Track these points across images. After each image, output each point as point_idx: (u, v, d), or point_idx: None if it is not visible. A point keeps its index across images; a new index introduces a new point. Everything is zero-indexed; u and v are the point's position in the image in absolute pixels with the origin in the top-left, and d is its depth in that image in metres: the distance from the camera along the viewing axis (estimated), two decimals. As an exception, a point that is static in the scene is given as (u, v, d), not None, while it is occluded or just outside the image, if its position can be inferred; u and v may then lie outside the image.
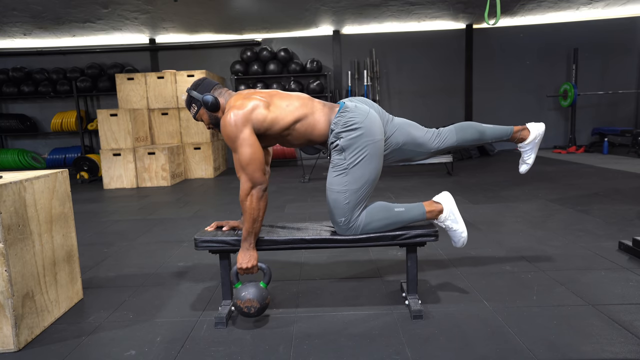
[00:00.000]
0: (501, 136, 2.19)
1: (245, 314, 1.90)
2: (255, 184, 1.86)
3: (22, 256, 1.86)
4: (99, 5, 6.27)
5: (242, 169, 1.86)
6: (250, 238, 1.91)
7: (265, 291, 1.93)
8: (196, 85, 2.01)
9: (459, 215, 2.04)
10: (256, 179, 1.86)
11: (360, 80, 8.41)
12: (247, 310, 1.88)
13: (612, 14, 8.13)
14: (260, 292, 1.91)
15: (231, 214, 4.14)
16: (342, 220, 1.92)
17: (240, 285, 1.94)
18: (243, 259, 1.91)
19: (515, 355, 1.64)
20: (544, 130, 2.23)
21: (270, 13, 7.05)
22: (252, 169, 1.85)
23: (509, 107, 8.60)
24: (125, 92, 6.83)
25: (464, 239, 2.05)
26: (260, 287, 1.93)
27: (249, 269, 1.92)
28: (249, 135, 1.86)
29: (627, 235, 2.92)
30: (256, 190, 1.86)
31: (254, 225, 1.88)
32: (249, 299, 1.88)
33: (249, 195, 1.86)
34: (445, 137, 2.11)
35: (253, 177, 1.85)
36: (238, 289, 1.93)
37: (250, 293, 1.89)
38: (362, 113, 1.91)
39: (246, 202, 1.86)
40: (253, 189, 1.86)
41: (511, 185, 5.07)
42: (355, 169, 1.89)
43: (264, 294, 1.91)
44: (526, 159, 2.26)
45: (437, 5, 7.06)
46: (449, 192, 2.11)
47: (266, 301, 1.92)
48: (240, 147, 1.85)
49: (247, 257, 1.91)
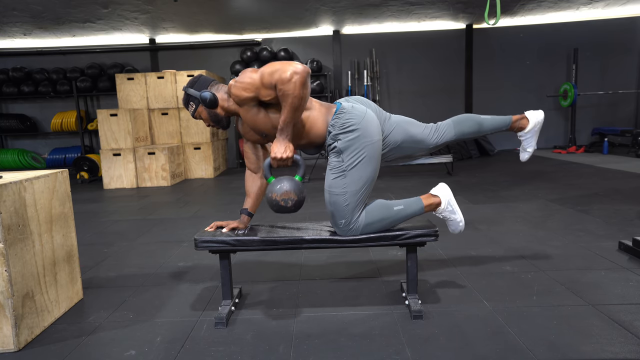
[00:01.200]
0: (500, 126, 2.20)
1: (283, 207, 1.76)
2: (296, 69, 1.70)
3: (22, 256, 1.86)
4: (99, 5, 6.27)
5: (275, 72, 1.72)
6: (288, 129, 1.79)
7: (301, 184, 1.80)
8: (193, 83, 2.00)
9: (456, 206, 2.07)
10: (295, 65, 1.71)
11: (360, 80, 8.41)
12: (285, 204, 1.75)
13: (612, 14, 8.13)
14: (296, 184, 1.77)
15: (231, 214, 4.14)
16: (343, 222, 1.92)
17: (275, 179, 1.80)
18: (279, 148, 1.80)
19: (515, 355, 1.64)
20: (543, 118, 2.22)
21: (270, 13, 7.05)
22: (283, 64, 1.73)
23: (509, 107, 8.58)
24: (125, 92, 6.83)
25: (462, 227, 2.10)
26: (295, 180, 1.79)
27: (284, 160, 1.81)
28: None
29: (627, 235, 2.92)
30: (299, 75, 1.70)
31: (295, 114, 1.76)
32: (286, 191, 1.74)
33: (291, 80, 1.69)
34: (444, 132, 2.12)
35: (290, 66, 1.71)
36: (272, 183, 1.79)
37: (286, 185, 1.75)
38: (359, 114, 1.90)
39: (289, 87, 1.70)
40: (295, 74, 1.69)
41: (511, 185, 5.07)
42: (354, 170, 1.89)
43: (300, 186, 1.78)
44: (526, 146, 2.26)
45: (437, 5, 7.06)
46: (445, 183, 2.12)
47: (303, 194, 1.78)
48: (261, 70, 1.77)
49: (283, 147, 1.81)
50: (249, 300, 2.24)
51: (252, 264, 2.74)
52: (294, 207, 1.78)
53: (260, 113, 1.89)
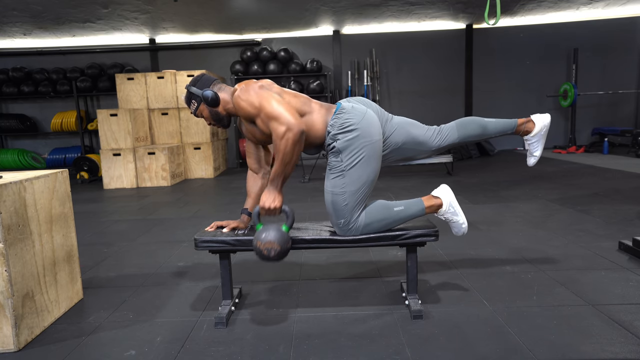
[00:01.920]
0: (504, 130, 2.14)
1: (265, 257, 1.80)
2: (290, 125, 1.76)
3: (22, 256, 1.86)
4: (99, 5, 6.26)
5: (273, 119, 1.79)
6: (278, 180, 1.84)
7: (286, 234, 1.83)
8: (195, 81, 2.01)
9: (459, 207, 2.04)
10: (289, 121, 1.77)
11: (360, 80, 8.41)
12: (267, 253, 1.79)
13: (612, 14, 8.13)
14: (281, 234, 1.80)
15: (231, 214, 4.14)
16: (342, 221, 1.92)
17: (261, 227, 1.85)
18: (268, 198, 1.84)
19: (515, 355, 1.64)
20: (550, 122, 2.17)
21: (270, 13, 7.05)
22: (282, 111, 1.78)
23: (509, 107, 8.59)
24: (125, 92, 6.83)
25: (464, 229, 2.07)
26: (281, 230, 1.83)
27: (272, 210, 1.84)
28: (269, 92, 1.84)
29: (627, 235, 2.92)
30: (292, 133, 1.76)
31: (286, 168, 1.81)
32: (269, 241, 1.78)
33: (283, 138, 1.76)
34: (447, 134, 2.09)
35: (287, 119, 1.77)
36: (258, 231, 1.83)
37: (270, 235, 1.79)
38: (359, 114, 1.90)
39: (281, 144, 1.77)
40: (288, 131, 1.76)
41: (511, 185, 5.07)
42: (353, 170, 1.88)
43: (285, 237, 1.81)
44: (533, 151, 2.20)
45: (437, 5, 7.06)
46: (447, 185, 2.10)
47: (287, 245, 1.82)
48: (263, 102, 1.82)
49: (272, 197, 1.84)
50: (249, 300, 2.24)
51: (252, 264, 2.74)
52: (277, 257, 1.81)
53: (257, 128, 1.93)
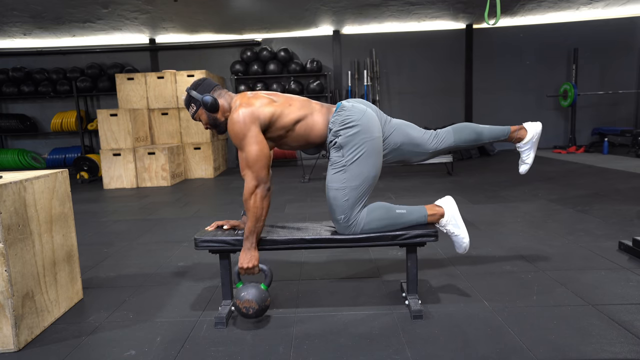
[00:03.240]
0: (498, 136, 2.20)
1: (244, 314, 1.89)
2: (260, 182, 1.86)
3: (22, 256, 1.86)
4: (99, 5, 6.26)
5: (248, 167, 1.86)
6: (252, 237, 1.90)
7: (265, 293, 1.92)
8: (196, 85, 2.02)
9: (461, 221, 2.05)
10: (261, 177, 1.86)
11: (360, 80, 8.41)
12: (246, 311, 1.88)
13: (612, 14, 8.13)
14: (260, 293, 1.90)
15: (231, 214, 4.14)
16: (342, 217, 1.93)
17: (241, 286, 1.94)
18: (244, 259, 1.90)
19: (515, 355, 1.64)
20: (541, 129, 2.23)
21: (270, 13, 7.05)
22: (259, 167, 1.85)
23: (509, 107, 8.60)
24: (125, 92, 6.83)
25: (466, 245, 2.05)
26: (260, 288, 1.92)
27: (250, 269, 1.91)
28: (257, 133, 1.87)
29: (627, 235, 2.92)
30: (260, 189, 1.87)
31: (257, 224, 1.88)
32: (248, 300, 1.87)
33: (253, 194, 1.86)
34: (443, 138, 2.12)
35: (259, 175, 1.86)
36: (238, 289, 1.92)
37: (249, 294, 1.88)
38: (359, 111, 1.94)
39: (250, 201, 1.86)
40: (257, 187, 1.86)
41: (511, 185, 5.07)
42: (354, 166, 1.90)
43: (263, 295, 1.90)
44: (525, 158, 2.27)
45: (437, 5, 7.06)
46: (449, 194, 2.11)
47: (265, 303, 1.91)
48: (247, 145, 1.86)
49: (248, 257, 1.90)
50: (249, 300, 2.24)
51: (252, 264, 2.74)
52: (255, 314, 1.89)
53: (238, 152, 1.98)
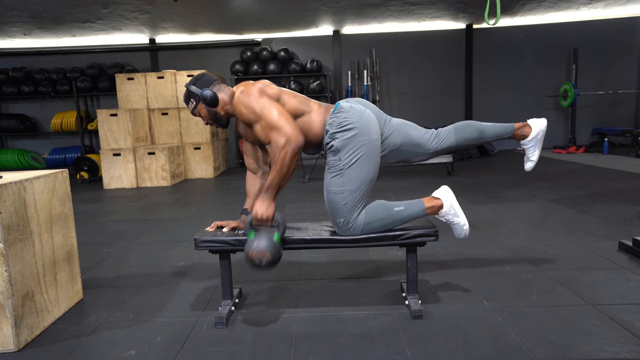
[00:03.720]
0: (502, 134, 2.16)
1: (256, 265, 1.82)
2: (290, 138, 1.77)
3: (22, 256, 1.86)
4: (99, 5, 6.26)
5: (272, 128, 1.79)
6: (272, 190, 1.84)
7: (278, 244, 1.85)
8: (195, 80, 2.01)
9: (460, 209, 2.04)
10: (290, 132, 1.77)
11: (360, 80, 8.41)
12: (258, 262, 1.81)
13: (612, 14, 8.13)
14: (272, 244, 1.83)
15: (231, 214, 4.14)
16: (342, 220, 1.92)
17: (253, 236, 1.87)
18: (260, 208, 1.85)
19: (515, 355, 1.64)
20: (546, 126, 2.18)
21: (270, 13, 7.05)
22: (283, 123, 1.78)
23: (509, 107, 8.59)
24: (125, 92, 6.83)
25: (466, 231, 2.05)
26: (273, 239, 1.85)
27: (264, 221, 1.86)
28: (269, 100, 1.84)
29: (627, 235, 2.92)
30: (292, 147, 1.77)
31: (282, 179, 1.82)
32: (261, 250, 1.80)
33: (283, 149, 1.77)
34: (444, 138, 2.10)
35: (287, 131, 1.77)
36: (250, 240, 1.86)
37: (262, 244, 1.81)
38: (357, 113, 1.92)
39: (280, 155, 1.77)
40: (288, 144, 1.77)
41: (511, 185, 5.07)
42: (351, 169, 1.89)
43: (276, 246, 1.84)
44: (530, 156, 2.21)
45: (437, 5, 7.06)
46: (447, 186, 2.10)
47: (279, 254, 1.84)
48: (264, 110, 1.82)
49: (264, 208, 1.85)
50: (249, 300, 2.24)
51: (252, 264, 2.74)
52: (267, 265, 1.83)
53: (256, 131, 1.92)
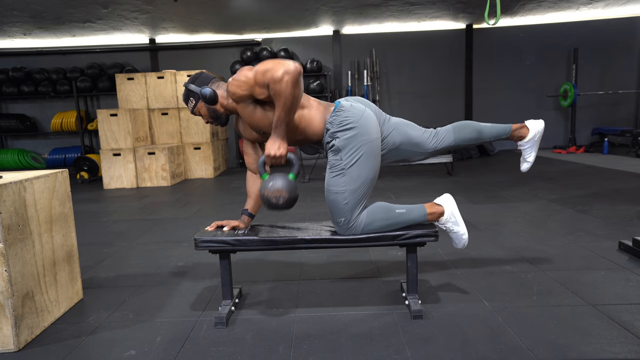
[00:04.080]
0: (499, 134, 2.17)
1: (274, 205, 1.79)
2: (287, 69, 1.71)
3: (22, 256, 1.86)
4: (99, 5, 6.26)
5: (268, 71, 1.73)
6: (282, 127, 1.80)
7: (294, 182, 1.83)
8: (194, 79, 2.02)
9: (460, 217, 2.05)
10: (286, 64, 1.71)
11: (360, 80, 8.41)
12: (276, 201, 1.78)
13: (612, 14, 8.13)
14: (289, 182, 1.81)
15: (231, 214, 4.14)
16: (342, 220, 1.92)
17: (268, 176, 1.84)
18: (273, 146, 1.82)
19: (515, 355, 1.64)
20: (544, 128, 2.20)
21: (270, 13, 7.05)
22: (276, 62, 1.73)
23: (509, 107, 8.60)
24: (125, 92, 6.83)
25: (465, 240, 2.05)
26: (288, 178, 1.83)
27: (278, 158, 1.83)
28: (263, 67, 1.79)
29: (627, 235, 2.92)
30: (290, 75, 1.70)
31: (288, 113, 1.77)
32: (278, 189, 1.78)
33: (282, 80, 1.70)
34: (443, 137, 2.11)
35: (283, 65, 1.72)
36: (265, 180, 1.83)
37: (278, 183, 1.79)
38: (357, 112, 1.91)
39: (280, 87, 1.71)
40: (286, 73, 1.70)
41: (511, 185, 5.07)
42: (352, 169, 1.89)
43: (292, 184, 1.82)
44: (527, 156, 2.25)
45: (437, 5, 7.06)
46: (449, 193, 2.11)
47: (295, 192, 1.82)
48: (256, 68, 1.79)
49: (277, 145, 1.82)
50: (249, 300, 2.24)
51: (252, 264, 2.74)
52: (285, 204, 1.81)
53: (257, 110, 1.90)
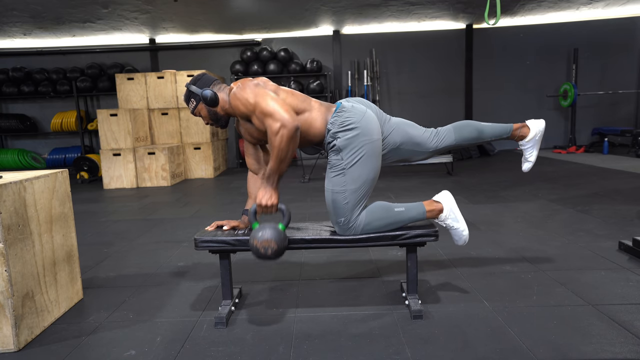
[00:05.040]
0: (500, 134, 2.17)
1: (262, 255, 1.81)
2: (284, 122, 1.76)
3: (22, 256, 1.86)
4: (99, 5, 6.26)
5: (267, 115, 1.78)
6: (274, 177, 1.85)
7: (283, 233, 1.84)
8: (196, 80, 2.02)
9: (460, 214, 2.04)
10: (284, 117, 1.76)
11: (360, 80, 8.41)
12: (264, 251, 1.80)
13: (612, 14, 8.13)
14: (278, 233, 1.82)
15: (231, 214, 4.14)
16: (342, 220, 1.92)
17: (258, 226, 1.86)
18: (264, 196, 1.85)
19: (515, 355, 1.64)
20: (544, 127, 2.20)
21: (270, 13, 7.05)
22: (278, 108, 1.78)
23: (509, 107, 8.60)
24: (125, 92, 6.83)
25: (466, 237, 2.05)
26: (278, 228, 1.85)
27: (269, 207, 1.85)
28: (265, 90, 1.84)
29: (627, 235, 2.92)
30: (287, 130, 1.76)
31: (281, 165, 1.82)
32: (267, 239, 1.79)
33: (277, 134, 1.76)
34: (444, 137, 2.11)
35: (281, 116, 1.76)
36: (255, 230, 1.84)
37: (267, 233, 1.80)
38: (359, 113, 1.92)
39: (275, 140, 1.77)
40: (282, 128, 1.75)
41: (511, 185, 5.07)
42: (353, 169, 1.89)
43: (282, 235, 1.83)
44: (528, 156, 2.25)
45: (437, 5, 7.06)
46: (448, 191, 2.11)
47: (284, 243, 1.83)
48: (257, 98, 1.82)
49: (268, 195, 1.85)
50: (249, 300, 2.24)
51: (252, 264, 2.74)
52: (274, 255, 1.82)
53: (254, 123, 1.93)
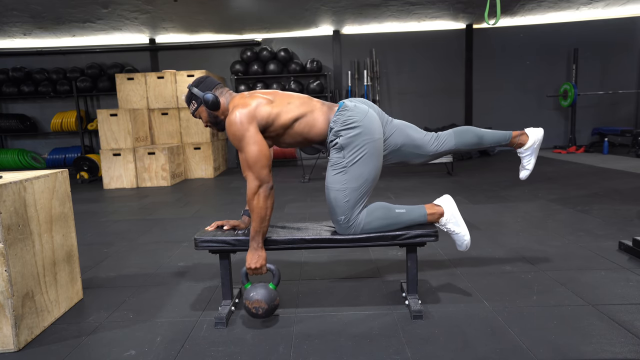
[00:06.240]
0: (500, 141, 2.20)
1: (253, 314, 1.89)
2: (262, 182, 1.85)
3: (22, 256, 1.86)
4: (99, 5, 6.26)
5: (249, 167, 1.86)
6: (258, 237, 1.89)
7: (274, 292, 1.92)
8: (198, 83, 2.03)
9: (461, 218, 2.04)
10: (263, 177, 1.85)
11: (360, 80, 8.41)
12: (255, 312, 1.88)
13: (612, 14, 8.13)
14: (268, 293, 1.90)
15: (231, 214, 4.14)
16: (342, 218, 1.93)
17: (250, 286, 1.94)
18: (251, 259, 1.90)
19: (515, 355, 1.64)
20: (543, 136, 2.23)
21: (270, 13, 7.05)
22: (259, 167, 1.85)
23: (509, 107, 8.60)
24: (125, 92, 6.83)
25: (467, 242, 2.05)
26: (269, 288, 1.92)
27: (258, 269, 1.90)
28: (255, 133, 1.86)
29: (627, 235, 2.92)
30: (263, 189, 1.85)
31: (262, 224, 1.87)
32: (257, 300, 1.87)
33: (256, 194, 1.85)
34: (444, 141, 2.12)
35: (260, 175, 1.85)
36: (247, 290, 1.92)
37: (258, 294, 1.88)
38: (361, 112, 1.93)
39: (253, 201, 1.85)
40: (260, 187, 1.85)
41: (511, 185, 5.07)
42: (354, 167, 1.90)
43: (272, 295, 1.90)
44: (526, 164, 2.27)
45: (437, 5, 7.06)
46: (449, 193, 2.11)
47: (275, 302, 1.91)
48: (246, 146, 1.85)
49: (255, 258, 1.89)
50: (249, 300, 2.24)
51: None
52: (264, 314, 1.90)
53: None
